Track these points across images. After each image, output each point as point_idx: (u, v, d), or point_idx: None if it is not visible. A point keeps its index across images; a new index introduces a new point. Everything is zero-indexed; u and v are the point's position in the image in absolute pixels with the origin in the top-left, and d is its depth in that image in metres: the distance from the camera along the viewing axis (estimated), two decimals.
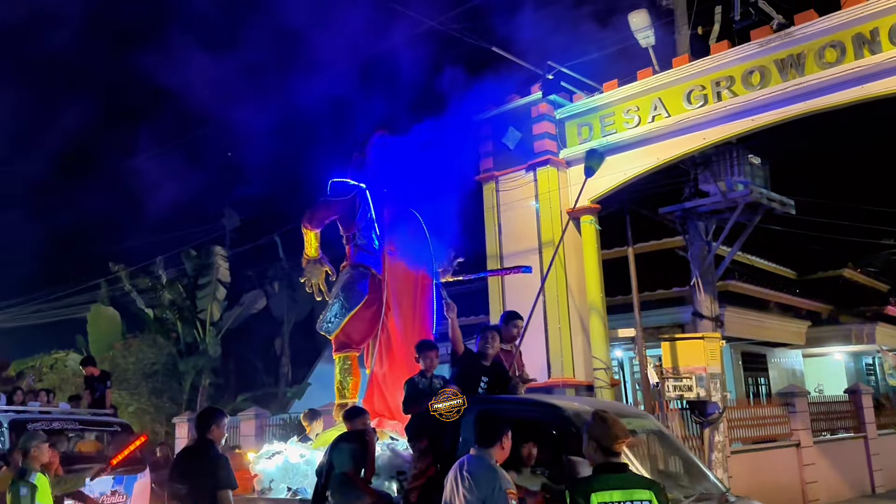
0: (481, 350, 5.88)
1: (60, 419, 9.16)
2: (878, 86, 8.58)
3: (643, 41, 10.87)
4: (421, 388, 5.83)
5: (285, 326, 21.21)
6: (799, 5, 9.52)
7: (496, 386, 5.78)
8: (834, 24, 8.85)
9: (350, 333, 7.40)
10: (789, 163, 14.84)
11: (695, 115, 9.88)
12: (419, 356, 6.01)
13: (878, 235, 20.16)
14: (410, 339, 7.03)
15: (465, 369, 5.88)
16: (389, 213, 7.58)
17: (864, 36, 8.61)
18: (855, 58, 8.68)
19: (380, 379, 7.32)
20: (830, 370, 20.13)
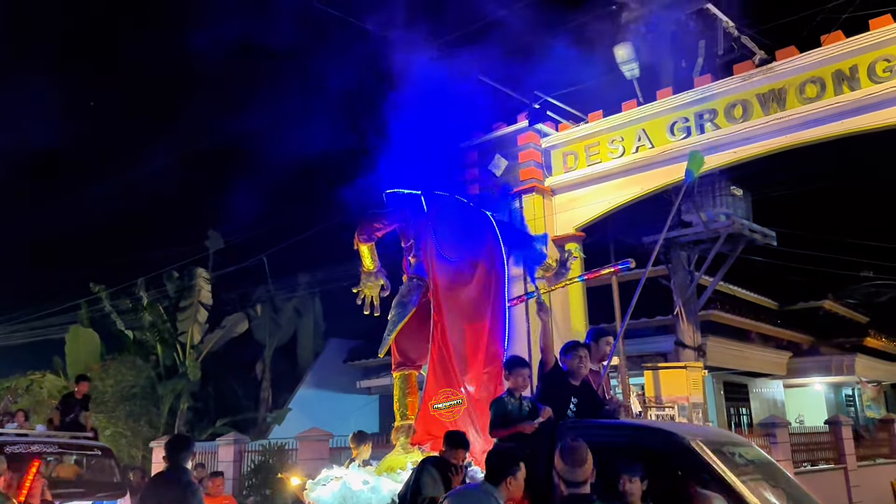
0: (571, 368, 5.37)
1: (39, 442, 8.89)
2: (857, 121, 8.75)
3: (628, 73, 11.04)
4: (510, 410, 5.25)
5: (267, 350, 21.01)
6: (781, 42, 9.71)
7: (586, 409, 5.26)
8: (814, 60, 9.03)
9: (403, 349, 6.81)
10: (771, 195, 15.03)
11: (678, 147, 10.00)
12: (509, 374, 5.46)
13: (858, 268, 20.42)
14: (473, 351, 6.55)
15: (553, 388, 5.36)
16: (445, 217, 7.03)
17: (844, 73, 8.79)
18: (835, 94, 8.85)
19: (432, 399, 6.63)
20: (811, 401, 20.25)
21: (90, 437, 10.06)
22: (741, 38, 10.18)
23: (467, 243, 7.00)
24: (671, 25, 11.89)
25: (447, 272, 6.86)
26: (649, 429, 5.02)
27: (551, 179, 11.15)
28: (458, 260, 6.89)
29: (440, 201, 7.16)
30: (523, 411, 5.19)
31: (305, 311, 21.60)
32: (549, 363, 5.48)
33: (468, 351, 6.68)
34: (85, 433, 10.05)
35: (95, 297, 19.83)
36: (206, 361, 19.32)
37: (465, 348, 6.69)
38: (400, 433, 6.66)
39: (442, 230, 6.94)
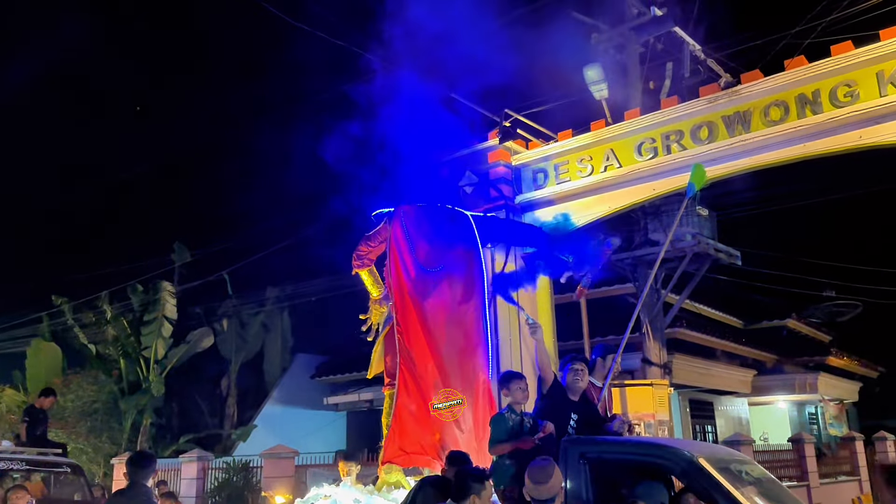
0: (569, 383, 5.26)
1: (4, 458, 8.45)
2: (819, 144, 8.93)
3: (597, 94, 11.18)
4: (511, 426, 5.10)
5: (232, 366, 20.74)
6: (746, 65, 9.91)
7: (586, 425, 5.17)
8: (778, 84, 9.22)
9: (385, 368, 6.80)
10: (736, 215, 15.30)
11: (645, 167, 10.12)
12: (506, 389, 5.31)
13: (820, 287, 20.81)
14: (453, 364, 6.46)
15: (553, 404, 5.24)
16: (421, 228, 6.99)
17: (807, 96, 8.99)
18: (798, 117, 9.03)
19: (409, 412, 6.46)
20: (775, 419, 20.51)
21: (58, 454, 9.70)
22: (707, 61, 10.38)
23: (448, 251, 6.94)
24: (639, 48, 12.10)
25: (426, 283, 6.79)
26: (656, 445, 4.97)
27: (521, 197, 11.21)
28: (440, 270, 6.84)
29: (418, 212, 7.12)
30: (524, 427, 5.07)
31: (273, 326, 21.38)
32: (548, 381, 5.39)
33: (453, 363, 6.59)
34: (53, 449, 9.70)
35: (57, 310, 19.44)
36: (170, 377, 19.00)
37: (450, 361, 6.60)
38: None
39: (421, 241, 6.90)
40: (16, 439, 10.32)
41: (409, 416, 6.47)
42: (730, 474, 4.41)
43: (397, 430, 6.43)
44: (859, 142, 8.50)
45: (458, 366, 6.60)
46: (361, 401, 18.97)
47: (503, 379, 5.47)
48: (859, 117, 8.53)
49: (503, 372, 5.80)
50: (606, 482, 4.06)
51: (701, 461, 4.35)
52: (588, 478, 4.29)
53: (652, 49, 11.90)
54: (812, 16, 10.20)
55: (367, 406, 19.15)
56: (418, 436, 6.35)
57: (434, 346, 6.64)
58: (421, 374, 6.52)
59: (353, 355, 20.53)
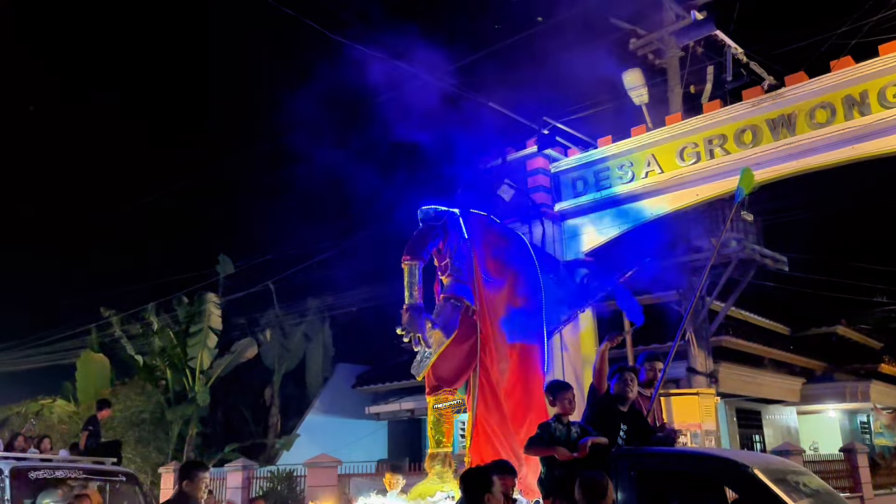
0: (619, 393, 5.19)
1: (63, 467, 8.57)
2: (868, 146, 8.72)
3: (637, 99, 11.08)
4: (557, 436, 5.02)
5: (276, 376, 20.97)
6: (790, 67, 9.73)
7: (636, 436, 5.08)
8: (824, 86, 9.03)
9: (440, 373, 6.61)
10: (782, 220, 14.98)
11: (688, 172, 9.99)
12: (553, 398, 5.25)
13: (871, 293, 20.26)
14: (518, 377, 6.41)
15: (602, 414, 5.18)
16: (485, 238, 6.86)
17: (854, 98, 8.78)
18: (845, 119, 8.83)
19: (486, 425, 6.42)
20: (825, 428, 19.97)
21: (115, 462, 9.86)
22: (750, 63, 10.20)
23: (508, 265, 6.84)
24: (679, 52, 11.96)
25: (489, 294, 6.71)
26: (709, 456, 4.86)
27: (561, 205, 11.15)
28: (498, 282, 6.75)
29: (477, 220, 7.04)
30: (572, 437, 4.98)
31: (314, 336, 21.57)
32: (602, 390, 5.30)
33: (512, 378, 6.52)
34: (110, 458, 9.86)
35: (106, 322, 19.88)
36: (215, 387, 19.28)
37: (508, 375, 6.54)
38: (436, 461, 6.47)
39: (481, 250, 6.80)
40: (73, 449, 10.55)
41: (489, 429, 6.40)
42: (786, 486, 4.30)
43: (479, 441, 6.37)
44: None
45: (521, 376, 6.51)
46: (403, 410, 18.98)
47: (550, 389, 5.41)
48: None
49: (550, 381, 5.69)
50: (658, 495, 3.97)
51: (756, 472, 4.25)
52: (639, 491, 4.19)
53: (692, 53, 11.75)
54: (858, 15, 9.97)
55: (409, 415, 19.17)
56: (497, 448, 6.29)
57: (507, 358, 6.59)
58: (497, 385, 6.45)
59: (393, 364, 20.59)
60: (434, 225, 6.87)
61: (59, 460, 9.14)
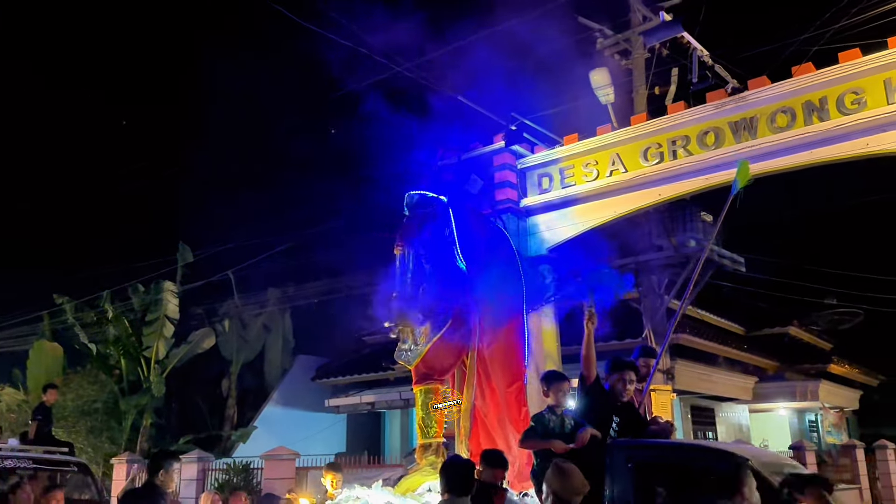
0: (613, 387, 5.16)
1: (13, 457, 8.29)
2: (825, 151, 8.92)
3: (603, 98, 11.18)
4: (551, 428, 4.97)
5: (233, 367, 20.72)
6: (753, 71, 9.90)
7: (628, 428, 5.03)
8: (785, 91, 9.21)
9: (432, 363, 6.50)
10: (740, 222, 15.27)
11: (651, 172, 10.11)
12: (548, 388, 5.21)
13: (822, 295, 20.79)
14: (503, 369, 6.35)
15: (594, 405, 5.13)
16: (471, 227, 6.79)
17: (814, 104, 8.98)
18: (805, 124, 9.02)
19: (483, 415, 6.38)
20: (775, 426, 20.49)
21: (65, 452, 9.59)
22: (714, 66, 10.37)
23: (492, 254, 6.77)
24: (645, 53, 12.10)
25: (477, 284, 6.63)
26: (709, 449, 4.85)
27: (526, 201, 11.20)
28: (484, 271, 6.65)
29: (464, 209, 6.93)
30: (566, 428, 4.94)
31: (274, 327, 21.37)
32: (591, 377, 5.26)
33: (496, 368, 6.48)
34: (60, 448, 9.57)
35: (59, 309, 19.41)
36: (170, 377, 18.98)
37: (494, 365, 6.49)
38: (428, 452, 6.34)
39: (468, 239, 6.73)
40: (22, 437, 10.26)
41: (486, 421, 6.33)
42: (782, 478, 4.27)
43: (479, 432, 6.31)
44: (866, 149, 8.49)
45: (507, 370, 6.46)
46: (363, 403, 18.94)
47: (545, 379, 5.35)
48: (866, 125, 8.52)
49: (546, 372, 5.65)
50: (654, 488, 3.96)
51: (755, 465, 4.25)
52: (635, 483, 4.18)
53: (658, 55, 11.90)
54: (820, 23, 10.20)
55: (369, 409, 19.13)
56: (496, 439, 6.23)
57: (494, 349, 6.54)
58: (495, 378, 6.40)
59: (354, 357, 20.52)
60: (425, 212, 6.78)
61: (9, 450, 8.86)
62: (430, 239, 6.75)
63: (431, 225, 6.74)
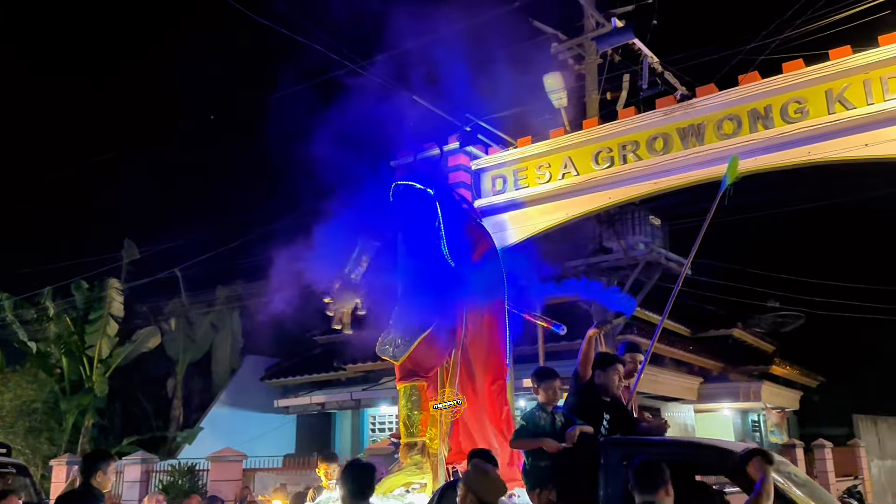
0: (604, 384, 5.14)
1: None
2: (769, 158, 9.16)
3: (556, 102, 11.29)
4: (542, 426, 4.91)
5: (180, 367, 20.31)
6: (701, 79, 10.12)
7: (618, 425, 5.01)
8: (732, 99, 9.43)
9: (419, 360, 6.33)
10: (688, 225, 15.61)
11: (602, 176, 10.25)
12: (538, 385, 5.15)
13: (765, 298, 21.37)
14: (485, 366, 6.25)
15: (585, 403, 5.11)
16: (457, 221, 6.63)
17: (759, 112, 9.22)
18: (750, 131, 9.25)
19: (465, 414, 6.22)
20: (720, 426, 20.97)
21: (2, 454, 9.22)
22: (664, 73, 10.57)
23: (471, 250, 6.62)
24: (598, 58, 12.27)
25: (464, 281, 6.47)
26: (707, 446, 4.82)
27: (480, 201, 11.24)
28: (469, 267, 6.51)
29: (451, 202, 6.76)
30: (556, 426, 4.89)
31: (222, 327, 21.01)
32: (587, 376, 5.24)
33: (479, 366, 6.36)
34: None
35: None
36: (114, 377, 18.52)
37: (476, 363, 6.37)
38: (413, 451, 6.17)
39: (455, 233, 6.55)
40: None
41: (467, 420, 6.22)
42: (782, 475, 4.27)
43: (459, 431, 6.19)
44: (808, 157, 8.75)
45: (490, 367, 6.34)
46: (313, 404, 18.75)
47: (537, 376, 5.28)
48: (808, 133, 8.79)
49: (536, 368, 5.57)
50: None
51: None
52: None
53: (610, 60, 12.08)
54: (766, 33, 10.49)
55: (319, 409, 18.95)
56: (476, 438, 6.13)
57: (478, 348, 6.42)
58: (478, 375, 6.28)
59: (305, 357, 20.31)
60: (412, 205, 6.65)
61: None
62: (418, 232, 6.60)
63: (419, 218, 6.59)
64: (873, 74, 8.45)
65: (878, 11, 9.10)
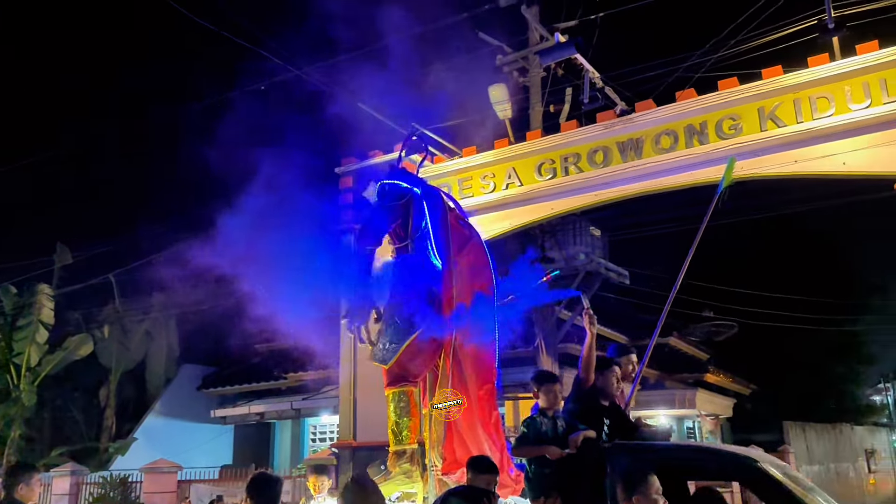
0: (603, 387, 5.05)
1: None
2: (704, 173, 9.47)
3: (501, 113, 11.43)
4: (544, 432, 4.77)
5: (113, 375, 19.68)
6: (640, 95, 10.40)
7: (619, 430, 4.91)
8: (669, 114, 9.73)
9: (407, 364, 6.05)
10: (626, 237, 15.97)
11: (545, 187, 10.43)
12: (538, 389, 5.00)
13: (700, 308, 21.97)
14: (475, 370, 6.01)
15: (586, 407, 4.98)
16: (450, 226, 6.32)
17: (695, 127, 9.53)
18: (686, 146, 9.56)
19: (457, 421, 5.94)
20: None
21: None
22: (605, 88, 10.81)
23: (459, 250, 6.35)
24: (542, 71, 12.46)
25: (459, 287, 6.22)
26: (719, 452, 4.77)
27: None
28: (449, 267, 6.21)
29: (440, 202, 6.53)
30: (559, 431, 4.79)
31: (158, 334, 20.46)
32: (590, 381, 5.11)
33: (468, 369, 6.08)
34: None
35: None
36: (43, 385, 17.83)
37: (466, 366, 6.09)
38: (402, 459, 5.90)
39: (443, 234, 6.24)
40: None
41: (458, 426, 5.95)
42: (793, 480, 4.29)
43: (453, 438, 5.91)
44: (741, 172, 9.07)
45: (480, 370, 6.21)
46: (251, 413, 18.43)
47: (535, 379, 5.17)
48: (742, 149, 9.12)
49: (535, 371, 5.48)
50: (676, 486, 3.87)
51: (766, 467, 4.21)
52: None
53: (553, 74, 12.29)
54: (703, 52, 10.83)
55: (258, 419, 18.63)
56: (468, 444, 5.87)
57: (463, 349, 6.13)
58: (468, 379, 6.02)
59: (243, 366, 19.94)
60: (394, 205, 6.33)
61: None
62: (399, 233, 6.35)
63: (400, 219, 6.31)
64: (803, 94, 8.84)
65: (808, 34, 9.51)
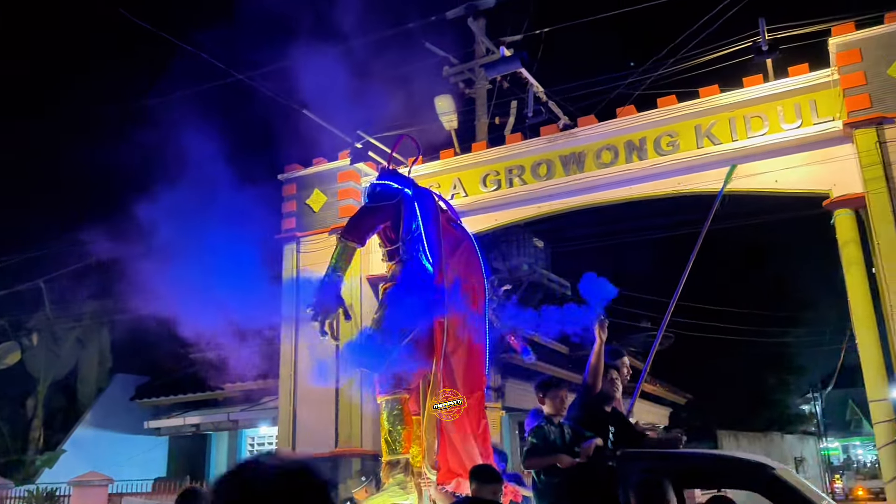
0: (606, 392, 5.02)
1: None
2: (643, 188, 9.73)
3: (447, 124, 11.50)
4: (552, 440, 4.71)
5: (41, 385, 18.92)
6: (584, 110, 10.62)
7: (623, 437, 4.83)
8: (610, 129, 9.97)
9: (399, 369, 5.87)
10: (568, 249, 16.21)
11: (489, 198, 10.53)
12: (544, 396, 4.97)
13: (637, 319, 22.43)
14: (466, 376, 5.88)
15: (591, 415, 4.91)
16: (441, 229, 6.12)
17: (634, 143, 9.78)
18: (626, 161, 9.80)
19: (448, 429, 5.73)
20: None
21: None
22: (549, 102, 11.00)
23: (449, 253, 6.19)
24: (487, 84, 12.60)
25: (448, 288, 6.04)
26: (733, 459, 4.75)
27: None
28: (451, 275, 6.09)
29: (433, 204, 6.40)
30: (567, 438, 4.74)
31: (90, 343, 19.79)
32: (597, 388, 5.05)
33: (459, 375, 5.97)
34: None
35: None
36: None
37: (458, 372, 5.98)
38: (396, 469, 5.71)
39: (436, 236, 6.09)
40: None
41: (450, 433, 5.80)
42: (805, 487, 4.30)
43: (445, 447, 5.73)
44: (678, 188, 9.35)
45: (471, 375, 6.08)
46: (187, 424, 17.94)
47: (541, 386, 5.14)
48: (679, 165, 9.41)
49: (541, 377, 5.47)
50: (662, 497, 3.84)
51: (780, 473, 4.20)
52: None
53: (499, 87, 12.44)
54: (643, 69, 11.13)
55: (193, 430, 18.15)
56: (460, 453, 5.73)
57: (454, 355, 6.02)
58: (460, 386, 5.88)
59: (178, 376, 19.41)
60: (382, 205, 6.12)
61: None
62: (389, 235, 6.17)
63: (389, 219, 6.11)
64: (738, 113, 9.17)
65: (744, 55, 9.87)
